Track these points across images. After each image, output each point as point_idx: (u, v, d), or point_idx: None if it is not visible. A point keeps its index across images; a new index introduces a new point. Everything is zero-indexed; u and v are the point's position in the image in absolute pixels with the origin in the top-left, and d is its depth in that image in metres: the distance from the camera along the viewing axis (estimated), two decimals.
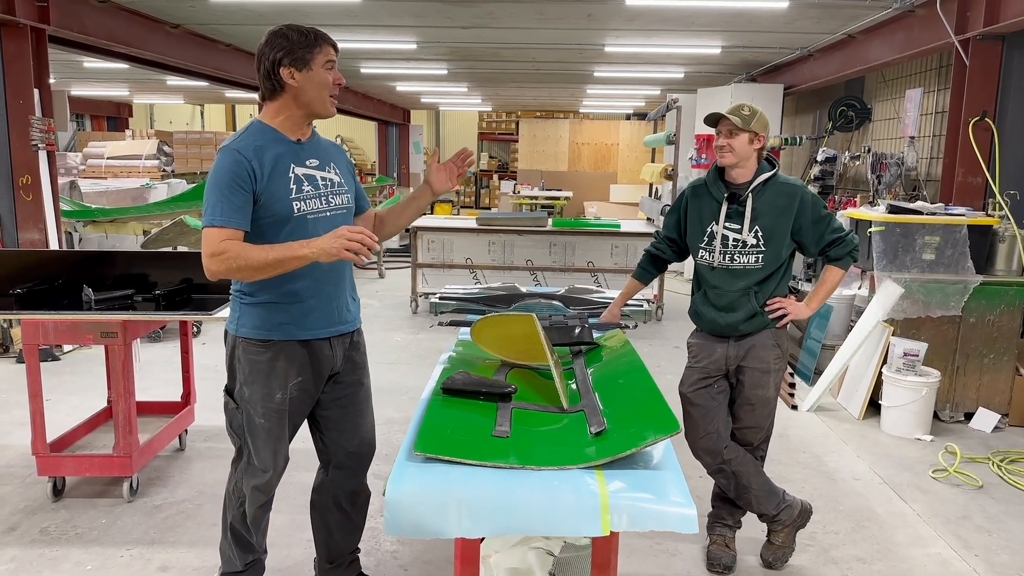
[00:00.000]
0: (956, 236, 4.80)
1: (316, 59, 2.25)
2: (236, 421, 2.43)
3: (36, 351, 3.42)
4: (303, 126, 2.35)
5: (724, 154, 2.92)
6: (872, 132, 8.66)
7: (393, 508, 1.67)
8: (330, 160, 2.42)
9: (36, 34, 5.88)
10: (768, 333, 3.00)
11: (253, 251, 2.14)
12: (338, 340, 2.45)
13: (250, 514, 2.49)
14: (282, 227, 2.26)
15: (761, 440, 3.12)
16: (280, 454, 2.43)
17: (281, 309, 2.31)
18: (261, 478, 2.43)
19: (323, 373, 2.43)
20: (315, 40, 2.26)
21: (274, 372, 2.33)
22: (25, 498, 3.60)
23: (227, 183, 2.18)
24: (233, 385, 2.41)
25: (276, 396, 2.35)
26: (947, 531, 3.48)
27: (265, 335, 2.32)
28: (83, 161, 13.71)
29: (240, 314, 2.37)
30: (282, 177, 2.26)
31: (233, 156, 2.20)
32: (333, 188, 2.39)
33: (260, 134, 2.29)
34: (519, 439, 1.92)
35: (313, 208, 2.32)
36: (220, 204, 2.17)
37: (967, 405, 4.92)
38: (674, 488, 1.71)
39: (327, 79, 2.27)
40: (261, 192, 2.22)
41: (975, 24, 5.36)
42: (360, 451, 2.60)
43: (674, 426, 1.81)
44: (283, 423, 2.39)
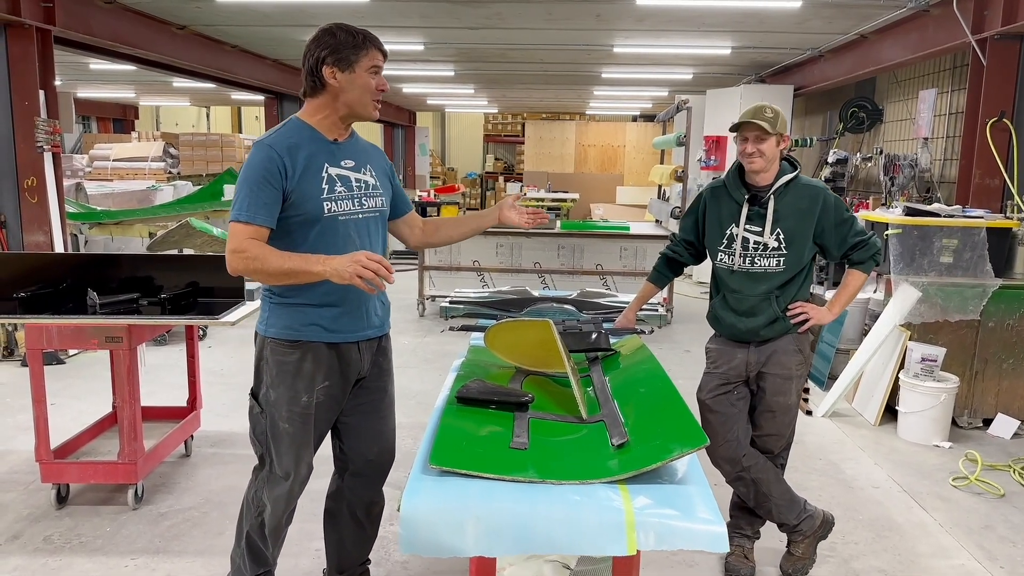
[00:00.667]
0: (975, 239, 4.72)
1: (361, 62, 2.21)
2: (260, 427, 2.36)
3: (40, 356, 3.35)
4: (341, 126, 2.32)
5: (754, 160, 2.81)
6: (884, 133, 8.57)
7: (409, 525, 1.60)
8: (367, 162, 2.38)
9: (42, 35, 5.84)
10: (790, 338, 2.92)
11: (271, 256, 2.11)
12: (366, 344, 2.40)
13: (270, 525, 2.41)
14: (312, 227, 2.22)
15: (782, 448, 3.04)
16: (303, 461, 2.37)
17: (311, 310, 2.27)
18: (283, 487, 2.36)
19: (350, 378, 2.38)
20: (362, 42, 2.22)
21: (300, 374, 2.28)
22: (29, 505, 3.53)
23: (257, 179, 2.15)
24: (259, 388, 2.36)
25: (302, 399, 2.29)
26: (970, 542, 3.39)
27: (294, 335, 2.28)
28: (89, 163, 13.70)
29: (269, 314, 2.33)
30: (314, 176, 2.22)
31: (266, 152, 2.17)
32: (367, 190, 2.35)
33: (296, 131, 2.25)
34: (537, 451, 1.84)
35: (344, 209, 2.28)
36: (248, 199, 2.14)
37: (985, 411, 4.82)
38: (702, 504, 1.63)
39: (370, 83, 2.24)
40: (291, 190, 2.18)
41: (992, 24, 5.27)
42: (380, 459, 2.54)
43: (701, 439, 1.73)
44: (308, 428, 2.33)
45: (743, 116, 2.84)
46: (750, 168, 2.85)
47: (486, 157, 21.34)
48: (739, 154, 2.88)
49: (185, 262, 4.23)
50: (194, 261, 4.08)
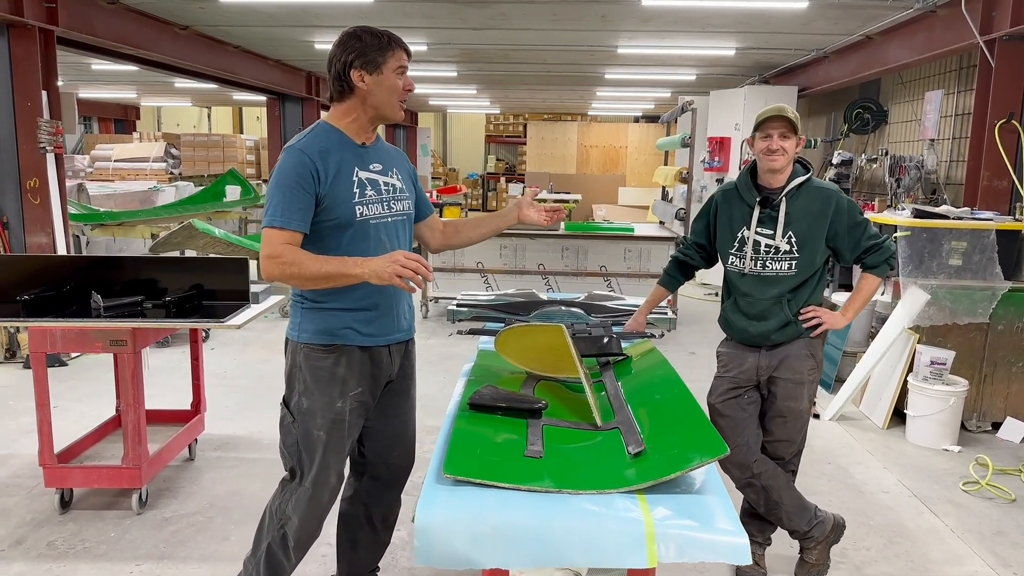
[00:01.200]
0: (984, 241, 4.68)
1: (388, 63, 2.20)
2: (290, 437, 2.32)
3: (44, 359, 3.33)
4: (369, 130, 2.31)
5: (777, 157, 2.75)
6: (888, 135, 8.53)
7: (424, 536, 1.57)
8: (393, 165, 2.37)
9: (44, 35, 5.81)
10: (802, 343, 2.88)
11: (308, 261, 2.10)
12: (396, 348, 2.39)
13: (297, 538, 2.35)
14: (344, 231, 2.21)
15: (793, 454, 3.00)
16: (335, 470, 2.33)
17: (345, 314, 2.25)
18: (315, 499, 2.31)
19: (381, 382, 2.37)
20: (388, 44, 2.21)
21: (335, 379, 2.26)
22: (32, 510, 3.50)
23: (290, 184, 2.13)
24: (291, 396, 2.33)
25: (337, 405, 2.27)
26: (983, 548, 3.36)
27: (329, 340, 2.26)
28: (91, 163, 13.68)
29: (301, 319, 2.31)
30: (346, 181, 2.21)
31: (298, 156, 2.16)
32: (395, 194, 2.34)
33: (325, 135, 2.24)
34: (552, 459, 1.81)
35: (375, 213, 2.27)
36: (282, 205, 2.12)
37: (994, 414, 4.79)
38: (722, 514, 1.60)
39: (397, 84, 2.23)
40: (324, 195, 2.17)
41: (1001, 25, 5.23)
42: (399, 463, 2.53)
43: (720, 448, 1.70)
44: (342, 435, 2.30)
45: (768, 112, 2.78)
46: (772, 166, 2.77)
47: (487, 158, 21.28)
48: (760, 152, 2.78)
49: (189, 264, 4.21)
50: (198, 263, 4.05)
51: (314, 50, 9.21)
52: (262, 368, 5.92)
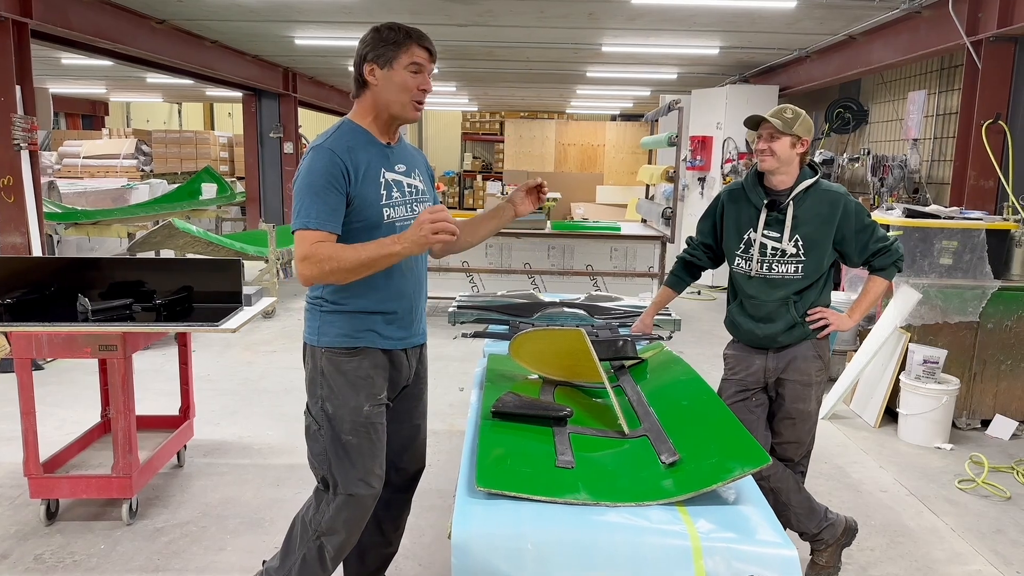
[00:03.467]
0: (974, 240, 4.72)
1: (400, 58, 2.11)
2: (318, 445, 2.23)
3: (29, 366, 3.20)
4: (389, 129, 2.23)
5: (764, 158, 2.78)
6: (869, 134, 8.62)
7: (461, 552, 1.50)
8: (415, 167, 2.31)
9: (18, 28, 5.61)
10: (809, 344, 2.87)
11: (345, 251, 2.02)
12: (413, 352, 2.33)
13: (337, 547, 2.25)
14: (372, 233, 2.13)
15: (802, 456, 2.99)
16: (373, 473, 2.23)
17: (366, 316, 2.19)
18: (355, 505, 2.22)
19: (399, 386, 2.31)
20: (404, 38, 2.12)
21: (361, 382, 2.19)
22: (16, 521, 3.37)
23: (322, 184, 2.05)
24: (315, 403, 2.24)
25: (364, 408, 2.19)
26: (984, 546, 3.38)
27: (352, 342, 2.19)
28: (58, 160, 13.34)
29: (320, 323, 2.22)
30: (374, 181, 2.14)
31: (329, 156, 2.08)
32: (417, 195, 2.28)
33: (351, 134, 2.17)
34: (584, 469, 1.76)
35: (400, 215, 2.20)
36: (315, 206, 2.04)
37: (984, 412, 4.84)
38: (766, 525, 1.56)
39: (408, 82, 2.13)
40: (355, 195, 2.10)
41: (988, 26, 5.29)
42: (410, 468, 2.47)
43: (762, 457, 1.66)
44: (372, 438, 2.21)
45: (757, 115, 2.81)
46: (762, 167, 2.82)
47: (464, 155, 21.19)
48: (755, 152, 2.84)
49: (177, 265, 4.08)
50: (187, 264, 3.92)
51: (293, 45, 9.05)
52: (246, 371, 5.80)
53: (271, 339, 6.67)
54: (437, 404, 5.09)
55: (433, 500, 3.62)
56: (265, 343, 6.57)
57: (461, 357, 6.19)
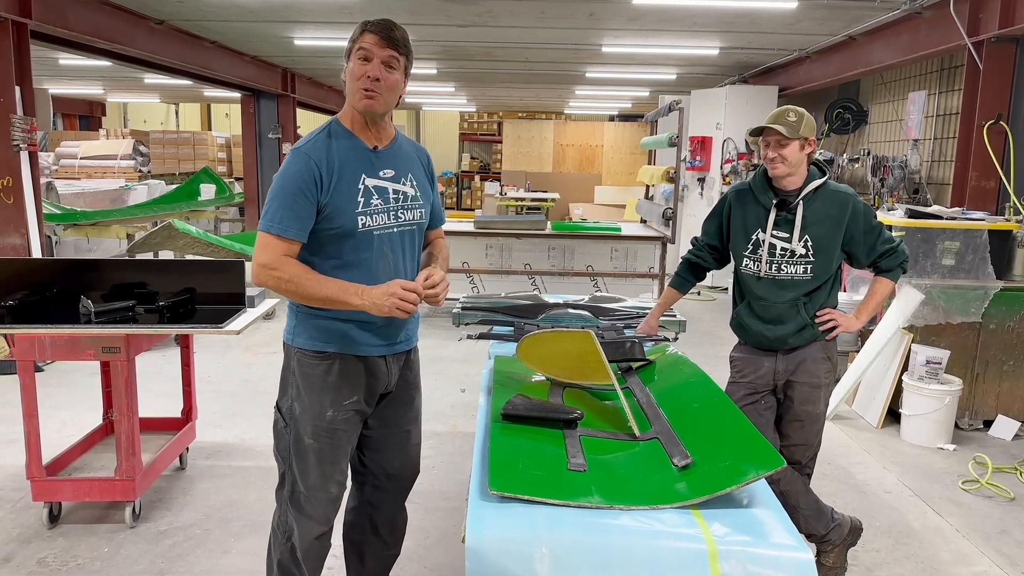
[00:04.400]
0: (976, 241, 4.72)
1: (353, 49, 2.08)
2: (283, 442, 2.24)
3: (31, 368, 3.18)
4: (371, 128, 2.16)
5: (776, 165, 2.77)
6: (869, 135, 8.62)
7: (476, 557, 1.49)
8: (408, 171, 2.24)
9: (17, 28, 5.58)
10: (818, 345, 2.87)
11: (308, 282, 2.02)
12: (394, 358, 2.28)
13: (302, 548, 2.26)
14: (345, 241, 2.10)
15: (809, 458, 2.99)
16: (332, 479, 2.23)
17: (340, 322, 2.14)
18: (311, 506, 2.23)
19: (376, 392, 2.26)
20: (358, 29, 2.09)
21: (327, 387, 2.17)
22: (18, 525, 3.35)
23: (292, 189, 2.03)
24: (284, 401, 2.24)
25: (327, 414, 2.17)
26: (989, 547, 3.37)
27: (322, 346, 2.17)
28: (55, 161, 13.29)
29: (296, 323, 2.21)
30: (350, 188, 2.09)
31: (303, 161, 2.06)
32: (405, 202, 2.20)
33: (335, 137, 2.13)
34: (596, 472, 1.75)
35: (380, 223, 2.14)
36: (281, 211, 2.03)
37: (986, 413, 4.84)
38: (781, 528, 1.55)
39: (356, 70, 2.06)
40: (326, 203, 2.06)
41: (989, 26, 5.29)
42: (402, 474, 2.43)
43: (777, 460, 1.65)
44: (335, 444, 2.20)
45: (766, 120, 2.79)
46: (773, 173, 2.81)
47: (462, 156, 21.17)
48: (763, 159, 2.83)
49: (179, 267, 4.07)
50: (190, 266, 3.91)
51: (292, 46, 9.03)
52: (246, 372, 5.78)
53: (271, 340, 6.66)
54: (439, 405, 5.09)
55: (437, 502, 3.61)
56: (265, 344, 6.55)
57: (462, 358, 6.18)
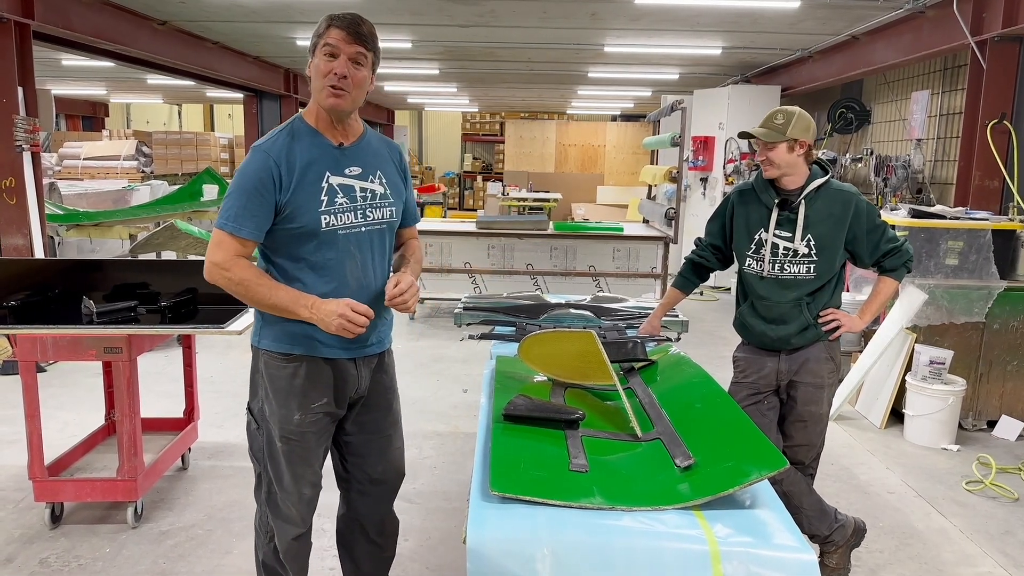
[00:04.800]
0: (980, 241, 4.71)
1: (319, 44, 2.03)
2: (257, 443, 2.23)
3: (34, 368, 3.18)
4: (337, 125, 2.11)
5: (766, 167, 2.79)
6: (872, 134, 8.61)
7: (477, 558, 1.48)
8: (377, 168, 2.18)
9: (20, 29, 5.59)
10: (821, 346, 2.85)
11: (258, 287, 2.01)
12: (364, 361, 2.23)
13: (282, 548, 2.27)
14: (309, 240, 2.06)
15: (812, 458, 2.97)
16: (304, 479, 2.21)
17: (305, 323, 2.08)
18: (286, 507, 2.23)
19: (346, 394, 2.22)
20: (323, 23, 2.04)
21: (294, 390, 2.13)
22: (20, 525, 3.35)
23: (248, 188, 2.00)
24: (255, 402, 2.22)
25: (295, 417, 2.14)
26: (993, 548, 3.36)
27: (288, 348, 2.13)
28: (58, 162, 13.31)
29: (262, 324, 2.17)
30: (313, 186, 2.05)
31: (262, 159, 2.02)
32: (373, 201, 2.15)
33: (297, 134, 2.08)
34: (598, 473, 1.74)
35: (345, 223, 2.09)
36: (235, 208, 2.00)
37: (990, 413, 4.83)
38: (784, 529, 1.55)
39: (322, 67, 2.01)
40: (286, 203, 2.02)
41: (992, 25, 5.28)
42: (385, 478, 2.39)
43: (780, 461, 1.64)
44: (305, 447, 2.18)
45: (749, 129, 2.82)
46: (765, 175, 2.83)
47: (464, 156, 21.18)
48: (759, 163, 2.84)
49: (181, 267, 4.06)
50: (191, 266, 3.90)
51: (295, 46, 9.04)
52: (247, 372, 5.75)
53: None
54: (440, 405, 5.08)
55: (439, 503, 3.60)
56: None
57: (463, 359, 6.17)
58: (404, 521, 3.39)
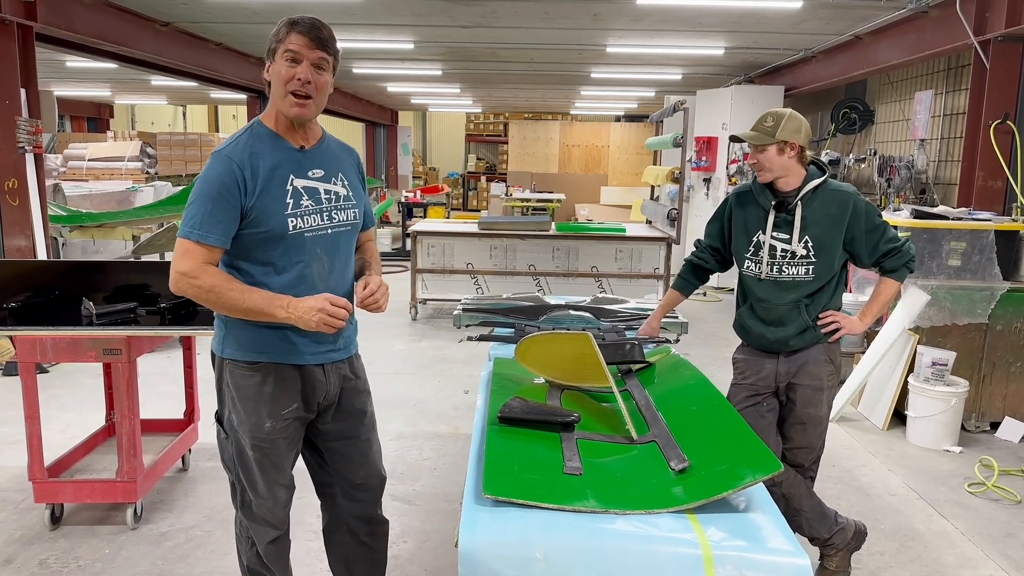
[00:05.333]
0: (983, 241, 4.68)
1: (279, 49, 2.00)
2: (227, 452, 2.21)
3: (33, 369, 3.18)
4: (298, 130, 2.10)
5: (759, 171, 2.79)
6: (875, 135, 8.58)
7: (468, 562, 1.48)
8: (338, 170, 2.17)
9: (23, 31, 5.61)
10: (821, 348, 2.84)
11: (230, 292, 1.95)
12: (332, 367, 2.21)
13: (264, 552, 2.27)
14: (276, 244, 2.04)
15: (812, 460, 2.96)
16: (277, 484, 2.21)
17: (272, 330, 2.07)
18: (262, 512, 2.22)
19: (315, 400, 2.20)
20: (284, 27, 2.02)
21: (263, 398, 2.10)
22: (21, 526, 3.36)
23: (212, 194, 1.96)
24: (222, 412, 2.20)
25: (265, 425, 2.12)
26: (995, 550, 3.34)
27: (254, 356, 2.10)
28: (64, 163, 13.35)
29: (225, 333, 2.13)
30: (278, 190, 2.03)
31: (225, 164, 1.98)
32: (338, 203, 2.14)
33: (258, 138, 2.06)
34: (592, 476, 1.74)
35: (312, 225, 2.08)
36: (200, 215, 1.95)
37: (993, 414, 4.80)
38: (778, 533, 1.54)
39: (283, 72, 1.99)
40: (252, 207, 1.99)
41: (995, 25, 5.25)
42: (368, 483, 2.37)
43: (774, 464, 1.63)
44: (277, 451, 2.16)
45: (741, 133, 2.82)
46: (759, 179, 2.82)
47: (468, 157, 21.19)
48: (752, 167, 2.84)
49: None
50: None
51: None
52: None
53: None
54: (441, 407, 5.08)
55: (438, 504, 3.60)
56: None
57: (464, 359, 6.17)
58: (404, 523, 3.41)
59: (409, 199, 13.44)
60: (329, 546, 2.48)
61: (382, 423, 2.52)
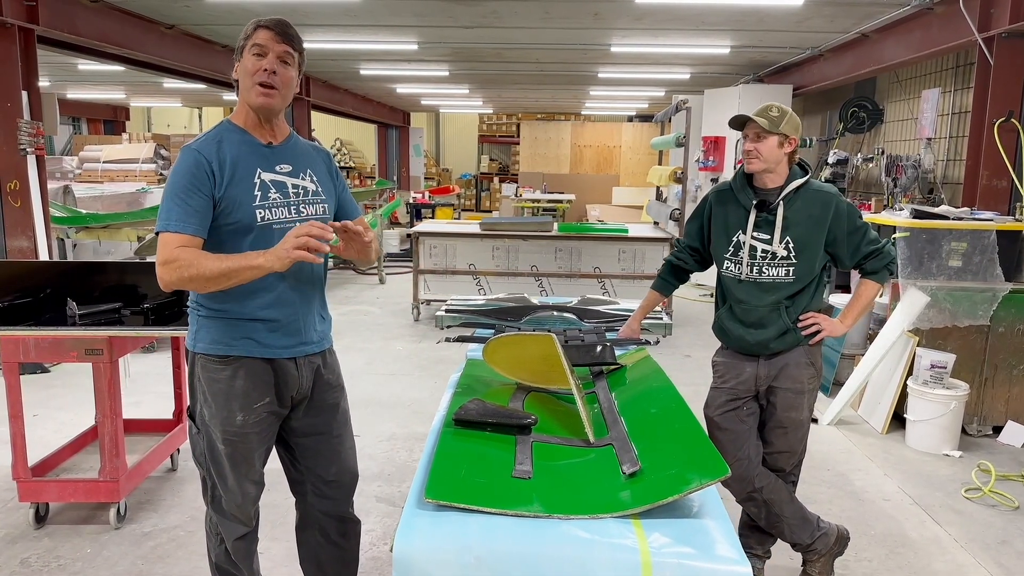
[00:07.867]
0: (984, 242, 4.59)
1: (246, 46, 2.08)
2: (199, 447, 2.23)
3: (16, 369, 3.20)
4: (264, 125, 2.15)
5: (751, 159, 2.71)
6: (884, 133, 8.46)
7: (402, 567, 1.46)
8: (307, 166, 2.22)
9: (24, 34, 5.67)
10: (801, 350, 2.78)
11: (206, 260, 1.95)
12: (305, 360, 2.22)
13: (232, 548, 2.28)
14: (245, 236, 2.07)
15: (794, 465, 2.91)
16: (248, 479, 2.22)
17: (243, 324, 2.10)
18: (231, 508, 2.24)
19: (287, 394, 2.21)
20: (252, 26, 2.10)
21: (234, 392, 2.12)
22: (6, 525, 3.38)
23: (184, 186, 2.00)
24: (195, 407, 2.22)
25: (237, 419, 2.13)
26: (987, 558, 3.27)
27: (224, 350, 2.12)
28: (79, 165, 13.51)
29: (198, 328, 2.16)
30: (245, 182, 2.07)
31: (193, 157, 2.04)
32: (306, 196, 2.18)
33: (226, 134, 2.12)
34: (542, 480, 1.70)
35: (280, 217, 2.11)
36: (176, 208, 1.99)
37: (995, 418, 4.71)
38: (723, 540, 1.50)
39: (250, 66, 2.06)
40: (221, 197, 2.04)
41: (1000, 22, 5.15)
42: (340, 480, 2.36)
43: (721, 469, 1.59)
44: (248, 446, 2.17)
45: (741, 114, 2.73)
46: (749, 168, 2.74)
47: (481, 158, 21.20)
48: (743, 152, 2.76)
49: None
50: None
51: None
52: None
53: None
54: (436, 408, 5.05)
55: None
56: None
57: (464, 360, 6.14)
58: (387, 524, 3.39)
59: (417, 200, 13.46)
60: (301, 545, 2.47)
61: (375, 423, 2.50)
